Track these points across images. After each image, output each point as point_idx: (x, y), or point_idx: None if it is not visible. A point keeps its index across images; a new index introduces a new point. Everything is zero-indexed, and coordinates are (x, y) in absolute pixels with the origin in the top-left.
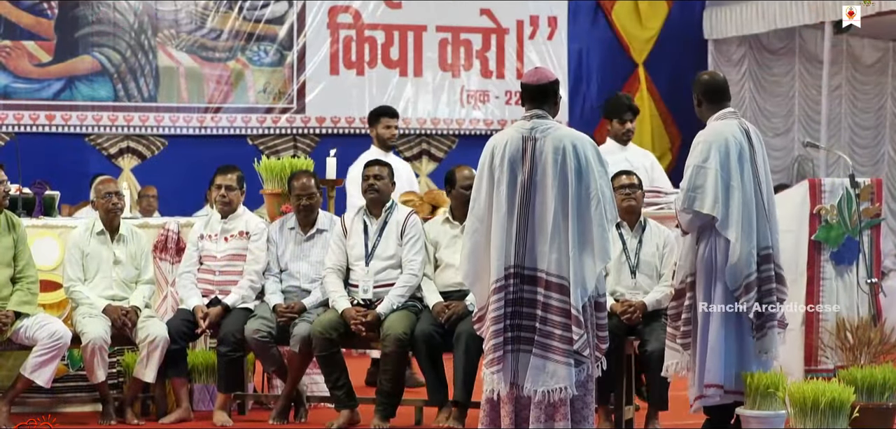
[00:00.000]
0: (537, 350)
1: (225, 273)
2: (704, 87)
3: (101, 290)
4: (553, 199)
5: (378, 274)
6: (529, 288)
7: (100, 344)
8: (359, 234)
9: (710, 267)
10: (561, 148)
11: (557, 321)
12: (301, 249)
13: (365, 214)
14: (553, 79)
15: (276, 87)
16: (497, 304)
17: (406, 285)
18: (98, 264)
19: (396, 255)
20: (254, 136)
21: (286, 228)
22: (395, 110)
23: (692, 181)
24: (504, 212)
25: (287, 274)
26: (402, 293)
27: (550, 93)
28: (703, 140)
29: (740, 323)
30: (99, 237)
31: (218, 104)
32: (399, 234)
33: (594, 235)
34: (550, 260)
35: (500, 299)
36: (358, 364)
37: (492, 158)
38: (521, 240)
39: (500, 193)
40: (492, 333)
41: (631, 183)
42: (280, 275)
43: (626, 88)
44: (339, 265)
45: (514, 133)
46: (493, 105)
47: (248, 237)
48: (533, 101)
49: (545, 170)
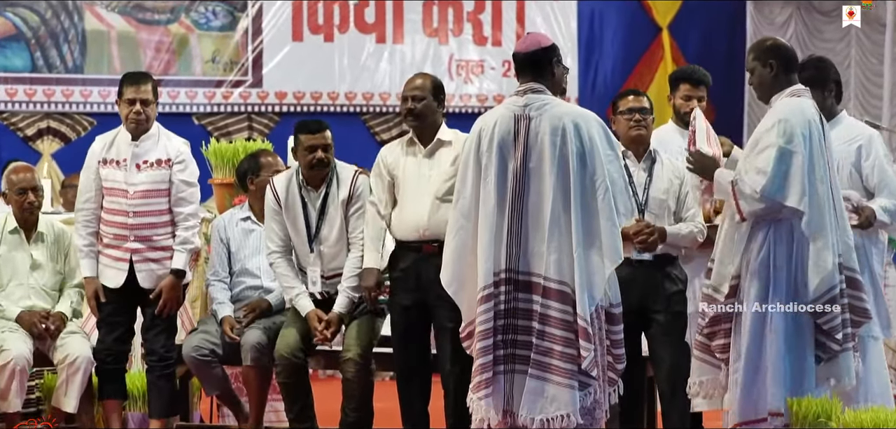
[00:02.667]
0: (534, 371)
1: (141, 215)
2: (782, 53)
3: (16, 300)
4: (551, 188)
5: (328, 262)
6: (524, 296)
7: (22, 365)
8: (297, 210)
9: (767, 269)
10: (560, 128)
11: (558, 336)
12: (260, 239)
13: (301, 184)
14: (547, 45)
15: (227, 56)
16: (485, 316)
17: (356, 270)
18: (12, 270)
19: (343, 234)
20: (200, 114)
21: (238, 220)
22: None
23: (776, 165)
24: (492, 205)
25: (245, 274)
26: (356, 278)
27: (545, 62)
28: (784, 117)
29: (801, 339)
30: (12, 237)
31: (158, 76)
32: (345, 206)
33: (602, 230)
34: (549, 262)
35: (489, 310)
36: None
37: (479, 142)
38: (515, 239)
39: (488, 184)
40: (479, 350)
41: (640, 107)
42: (229, 279)
43: (647, 58)
44: (283, 243)
45: (504, 112)
46: (488, 78)
47: (171, 166)
48: (525, 74)
49: (541, 154)
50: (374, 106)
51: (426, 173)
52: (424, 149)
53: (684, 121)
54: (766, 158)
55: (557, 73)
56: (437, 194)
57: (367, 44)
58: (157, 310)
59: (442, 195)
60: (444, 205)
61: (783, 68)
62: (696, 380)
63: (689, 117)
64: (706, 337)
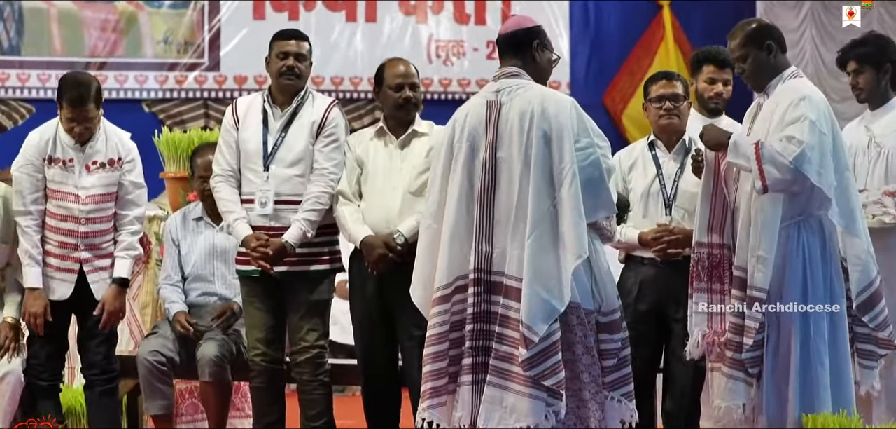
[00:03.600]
0: (493, 378)
1: (93, 222)
2: (776, 33)
3: None
4: (519, 178)
5: (282, 184)
6: (495, 298)
7: None
8: (255, 126)
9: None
10: (528, 112)
11: (517, 339)
12: (215, 243)
13: (267, 100)
14: (529, 26)
15: (180, 37)
16: (439, 318)
17: (318, 202)
18: None
19: (305, 160)
20: (151, 101)
21: (190, 220)
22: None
23: (810, 136)
24: (456, 200)
25: (198, 280)
26: (313, 212)
27: (525, 44)
28: (807, 94)
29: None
30: None
31: (103, 58)
32: (313, 132)
33: (565, 222)
34: (512, 258)
35: (444, 313)
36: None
37: (452, 134)
38: (485, 237)
39: (455, 177)
40: (429, 356)
41: (673, 93)
42: (183, 283)
43: (646, 38)
44: (230, 169)
45: (478, 100)
46: (469, 60)
47: (121, 165)
48: (506, 57)
49: (511, 142)
50: (344, 91)
51: (398, 166)
52: (397, 139)
53: (708, 107)
54: (799, 129)
55: (541, 58)
56: (409, 189)
57: (336, 22)
58: (101, 325)
59: (415, 189)
60: (416, 200)
61: (780, 48)
62: (723, 404)
63: (714, 103)
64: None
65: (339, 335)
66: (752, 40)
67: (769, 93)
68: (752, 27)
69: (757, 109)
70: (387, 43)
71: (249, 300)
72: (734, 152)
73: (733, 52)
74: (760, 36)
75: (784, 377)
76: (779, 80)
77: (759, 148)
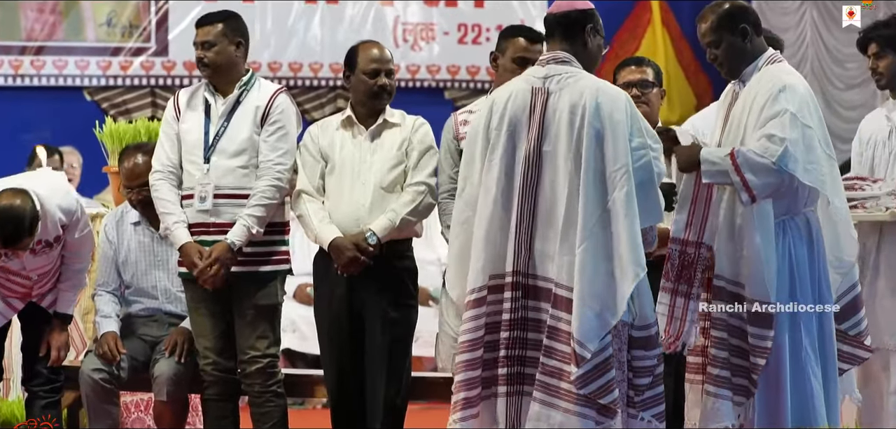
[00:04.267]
0: (539, 393)
1: (43, 284)
2: (751, 15)
3: None
4: (566, 178)
5: (223, 176)
6: (534, 304)
7: None
8: (197, 116)
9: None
10: (580, 106)
11: (569, 354)
12: (155, 252)
13: (208, 88)
14: (584, 8)
15: (125, 19)
16: (473, 323)
17: (264, 197)
18: None
19: (249, 150)
20: (93, 89)
21: (128, 223)
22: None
23: (792, 131)
24: (494, 194)
25: (140, 294)
26: (260, 208)
27: (577, 28)
28: (789, 83)
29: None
30: None
31: (40, 42)
32: (257, 120)
33: (621, 233)
34: (561, 265)
35: (479, 317)
36: None
37: (490, 117)
38: (524, 236)
39: (492, 168)
40: (461, 364)
41: (641, 79)
42: (119, 292)
43: (631, 22)
44: (171, 165)
45: (521, 85)
46: (440, 45)
47: (66, 232)
48: (553, 40)
49: (558, 136)
50: (303, 78)
51: (368, 159)
52: (366, 130)
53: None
54: (779, 125)
55: (592, 44)
56: (380, 183)
57: (294, 4)
58: (50, 362)
59: (387, 185)
60: (388, 196)
61: (755, 32)
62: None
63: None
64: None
65: (299, 344)
66: (721, 24)
67: (745, 80)
68: (723, 9)
69: (732, 97)
70: (349, 26)
71: (195, 306)
72: (709, 170)
73: (703, 37)
74: (732, 20)
75: (775, 395)
76: (754, 68)
77: (735, 157)
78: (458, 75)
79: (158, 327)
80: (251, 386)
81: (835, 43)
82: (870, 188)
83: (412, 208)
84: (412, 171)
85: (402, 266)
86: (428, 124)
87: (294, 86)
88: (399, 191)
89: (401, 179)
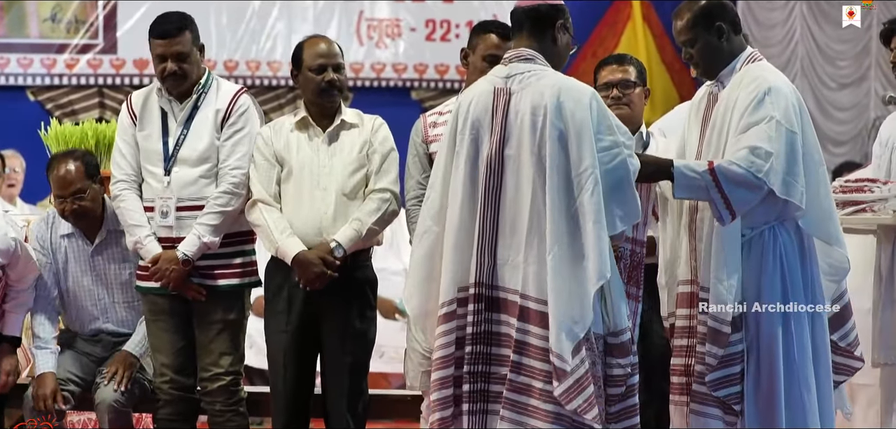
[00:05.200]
0: (507, 411)
1: None
2: (729, 12)
3: None
4: (530, 182)
5: (184, 188)
6: (497, 317)
7: None
8: (154, 123)
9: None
10: (541, 106)
11: (538, 368)
12: (93, 266)
13: (162, 95)
14: (555, 3)
15: (70, 14)
16: (445, 339)
17: (218, 205)
18: None
19: (212, 157)
20: (37, 88)
21: (58, 235)
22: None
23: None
24: (460, 201)
25: (80, 312)
26: (213, 215)
27: (546, 23)
28: (772, 86)
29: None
30: None
31: None
32: (218, 124)
33: (588, 236)
34: (527, 275)
35: (450, 333)
36: None
37: (455, 121)
38: (487, 245)
39: (458, 175)
40: (435, 382)
41: (622, 79)
42: (58, 304)
43: (610, 18)
44: (133, 172)
45: (485, 86)
46: (407, 42)
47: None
48: (520, 36)
49: (521, 138)
50: (261, 78)
51: (327, 163)
52: (323, 132)
53: None
54: (764, 135)
55: (561, 41)
56: (342, 189)
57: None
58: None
59: (349, 191)
60: (351, 203)
61: (733, 30)
62: None
63: None
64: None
65: (257, 360)
66: (696, 23)
67: (724, 82)
68: (699, 6)
69: (708, 100)
70: (312, 22)
71: (153, 320)
72: (684, 184)
73: (679, 35)
74: (707, 18)
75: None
76: (732, 69)
77: (715, 173)
78: (425, 74)
79: (102, 348)
80: (212, 404)
81: (826, 40)
82: (879, 190)
83: (378, 217)
84: (375, 176)
85: (362, 277)
86: (386, 125)
87: (252, 86)
88: (361, 197)
89: (363, 184)
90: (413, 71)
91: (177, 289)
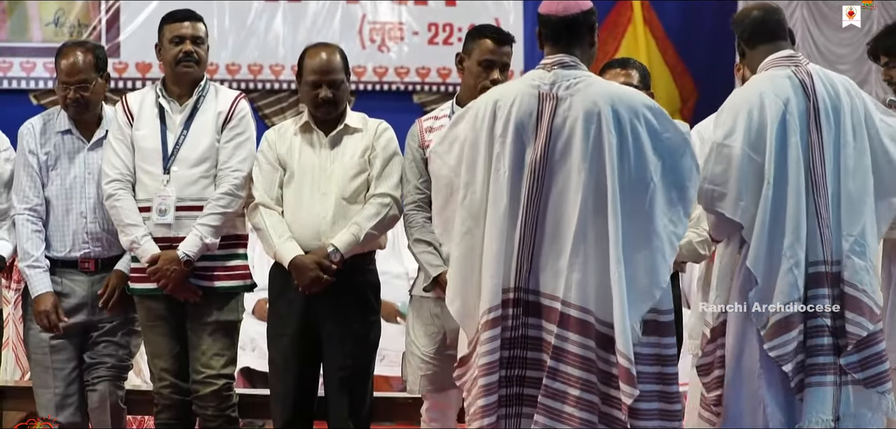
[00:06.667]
0: (542, 417)
1: None
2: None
3: None
4: (580, 189)
5: (185, 187)
6: (535, 322)
7: None
8: (152, 123)
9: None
10: (595, 113)
11: (574, 376)
12: (86, 164)
13: (161, 94)
14: (587, 8)
15: (73, 18)
16: (490, 345)
17: (219, 206)
18: None
19: (211, 158)
20: (40, 92)
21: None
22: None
23: (710, 166)
24: (505, 205)
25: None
26: (214, 216)
27: (584, 29)
28: (729, 104)
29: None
30: None
31: None
32: (219, 126)
33: (646, 244)
34: (570, 282)
35: (495, 339)
36: None
37: (493, 121)
38: (526, 249)
39: (500, 177)
40: (480, 389)
41: (626, 82)
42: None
43: (611, 21)
44: (128, 172)
45: (525, 89)
46: (409, 46)
47: None
48: (557, 42)
49: (569, 144)
50: (263, 81)
51: (328, 167)
52: (326, 136)
53: None
54: (704, 161)
55: (594, 43)
56: (342, 194)
57: (254, 2)
58: None
59: (349, 195)
60: (351, 207)
61: (749, 42)
62: None
63: None
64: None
65: (258, 362)
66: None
67: None
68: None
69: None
70: (312, 25)
71: (149, 324)
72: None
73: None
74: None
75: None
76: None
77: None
78: (427, 78)
79: (84, 285)
80: (204, 409)
81: (826, 43)
82: None
83: (377, 222)
84: (376, 180)
85: (364, 280)
86: (391, 129)
87: (254, 89)
88: (361, 201)
89: (364, 189)
90: (415, 74)
91: (174, 290)
